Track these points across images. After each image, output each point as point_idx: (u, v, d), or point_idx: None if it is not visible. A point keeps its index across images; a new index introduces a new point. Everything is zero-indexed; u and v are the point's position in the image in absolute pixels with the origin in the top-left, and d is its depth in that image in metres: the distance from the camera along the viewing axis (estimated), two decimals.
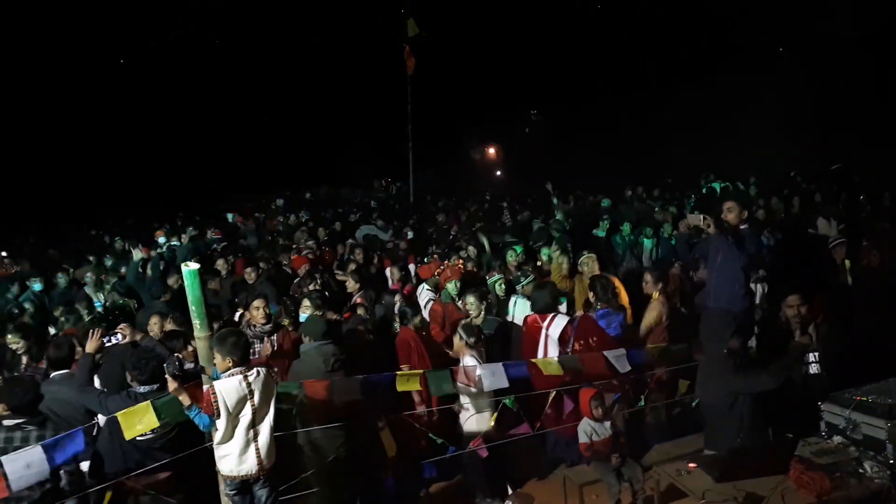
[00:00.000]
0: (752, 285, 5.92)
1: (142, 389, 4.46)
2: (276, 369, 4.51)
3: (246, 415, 4.05)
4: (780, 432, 4.98)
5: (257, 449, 4.11)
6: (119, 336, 5.26)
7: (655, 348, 5.41)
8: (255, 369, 4.10)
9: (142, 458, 4.35)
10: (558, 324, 5.73)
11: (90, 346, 4.79)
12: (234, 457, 4.07)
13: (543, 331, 5.75)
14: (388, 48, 18.77)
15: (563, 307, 6.35)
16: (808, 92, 19.33)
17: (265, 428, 4.12)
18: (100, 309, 8.06)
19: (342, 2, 24.22)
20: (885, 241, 7.42)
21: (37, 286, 9.23)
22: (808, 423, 4.53)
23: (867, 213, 10.92)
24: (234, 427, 4.04)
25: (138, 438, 4.27)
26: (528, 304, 6.19)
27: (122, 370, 4.85)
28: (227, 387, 4.01)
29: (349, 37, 24.96)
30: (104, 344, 5.02)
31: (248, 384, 4.03)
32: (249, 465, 4.11)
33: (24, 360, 5.92)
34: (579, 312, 6.23)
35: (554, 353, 5.62)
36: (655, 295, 6.14)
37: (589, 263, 7.04)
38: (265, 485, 4.20)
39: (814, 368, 5.03)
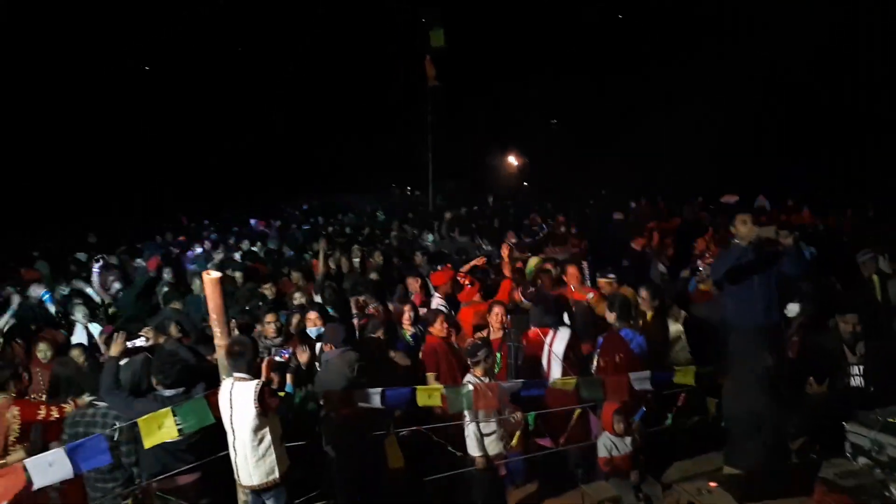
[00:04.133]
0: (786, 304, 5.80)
1: (167, 393, 4.43)
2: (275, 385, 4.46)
3: (227, 422, 4.10)
4: (804, 451, 4.93)
5: (236, 463, 4.13)
6: (141, 340, 5.32)
7: (684, 370, 5.31)
8: (249, 382, 4.05)
9: (170, 461, 4.35)
10: (561, 338, 5.60)
11: (114, 349, 4.83)
12: (233, 462, 4.16)
13: (546, 346, 5.62)
14: (410, 57, 18.88)
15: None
16: None
17: (240, 445, 4.08)
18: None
19: (364, 10, 24.47)
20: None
21: (64, 291, 9.35)
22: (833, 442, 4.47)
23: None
24: (226, 430, 4.13)
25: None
26: None
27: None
28: (222, 388, 4.13)
29: (370, 45, 25.17)
30: (128, 347, 5.07)
31: (230, 395, 4.06)
32: (236, 474, 4.17)
33: None
34: None
35: (557, 369, 5.51)
36: (650, 314, 6.04)
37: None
38: (271, 497, 4.20)
39: (856, 381, 5.04)
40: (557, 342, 5.61)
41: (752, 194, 12.86)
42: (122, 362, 4.76)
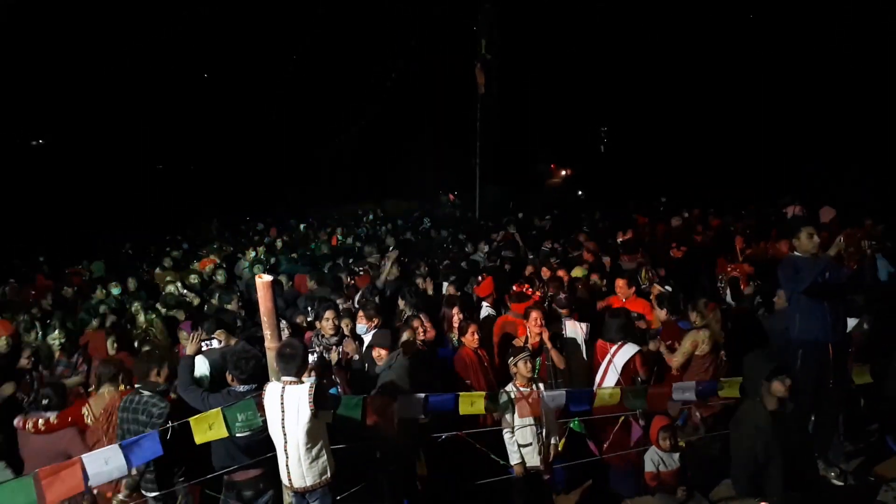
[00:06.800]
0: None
1: (241, 388, 4.45)
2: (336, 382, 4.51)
3: (276, 426, 4.04)
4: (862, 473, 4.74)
5: (287, 466, 4.09)
6: (215, 342, 5.50)
7: (729, 382, 5.16)
8: (301, 384, 4.03)
9: (241, 454, 4.42)
10: (626, 352, 5.60)
11: (190, 348, 4.97)
12: (283, 465, 4.14)
13: (609, 356, 5.66)
14: (460, 63, 18.96)
15: None
16: None
17: (292, 448, 4.03)
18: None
19: (415, 18, 24.68)
20: None
21: (116, 290, 9.72)
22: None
23: None
24: (274, 433, 4.09)
25: (238, 435, 4.32)
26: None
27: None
28: (269, 391, 4.09)
29: (422, 52, 25.37)
30: (202, 348, 5.24)
31: (282, 396, 4.00)
32: (283, 477, 4.15)
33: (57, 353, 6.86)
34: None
35: (612, 380, 5.54)
36: (698, 321, 5.87)
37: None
38: (318, 498, 4.18)
39: None
40: (620, 356, 5.61)
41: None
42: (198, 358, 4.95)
